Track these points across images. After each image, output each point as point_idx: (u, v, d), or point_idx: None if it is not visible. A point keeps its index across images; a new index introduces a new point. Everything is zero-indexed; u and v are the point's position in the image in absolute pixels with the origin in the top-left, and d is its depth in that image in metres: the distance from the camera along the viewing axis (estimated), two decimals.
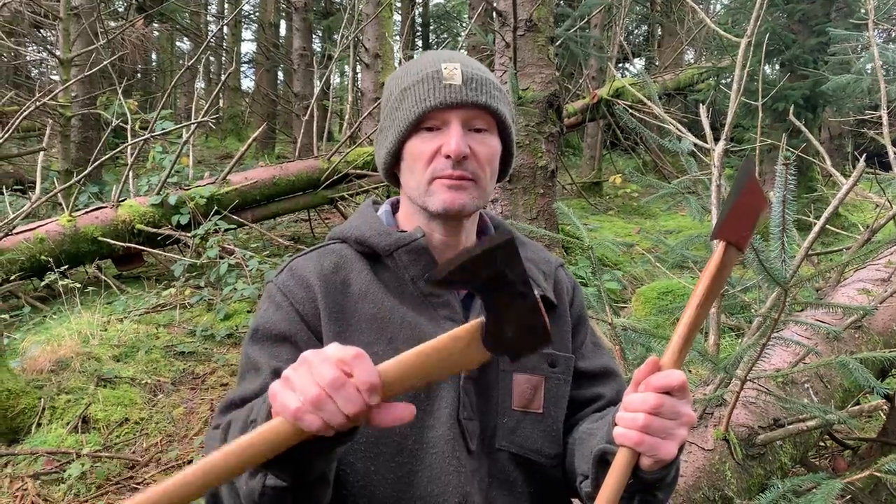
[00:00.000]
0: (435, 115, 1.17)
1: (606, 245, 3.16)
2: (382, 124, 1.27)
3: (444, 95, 1.16)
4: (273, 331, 1.20)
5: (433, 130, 1.19)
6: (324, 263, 1.26)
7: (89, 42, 8.27)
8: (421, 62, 1.23)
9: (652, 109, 2.90)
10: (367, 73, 9.30)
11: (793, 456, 2.27)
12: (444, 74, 1.17)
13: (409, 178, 1.22)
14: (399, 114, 1.20)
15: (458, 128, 1.17)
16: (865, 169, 1.96)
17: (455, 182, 1.18)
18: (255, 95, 17.30)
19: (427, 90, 1.17)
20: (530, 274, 1.29)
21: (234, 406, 1.16)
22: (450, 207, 1.18)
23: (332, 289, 1.22)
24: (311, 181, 7.26)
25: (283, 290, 1.23)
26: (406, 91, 1.20)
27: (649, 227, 8.84)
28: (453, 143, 1.15)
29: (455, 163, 1.16)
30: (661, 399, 0.97)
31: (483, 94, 1.19)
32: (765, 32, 6.68)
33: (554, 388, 1.25)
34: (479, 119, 1.20)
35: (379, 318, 1.20)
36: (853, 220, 7.59)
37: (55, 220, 5.59)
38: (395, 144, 1.22)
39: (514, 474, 1.22)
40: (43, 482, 3.09)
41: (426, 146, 1.18)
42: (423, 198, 1.20)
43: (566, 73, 11.65)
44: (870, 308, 2.16)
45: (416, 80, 1.19)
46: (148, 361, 4.13)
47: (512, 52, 5.09)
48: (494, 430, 1.21)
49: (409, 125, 1.18)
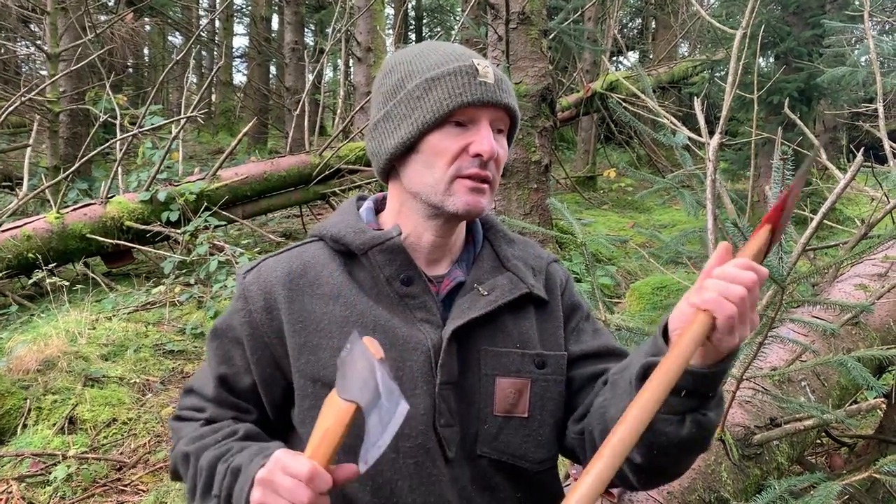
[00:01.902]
0: (467, 111, 1.13)
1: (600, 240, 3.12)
2: (391, 112, 1.18)
3: (481, 92, 1.12)
4: (228, 333, 1.22)
5: (459, 126, 1.14)
6: (293, 265, 1.22)
7: (78, 36, 8.18)
8: (442, 52, 1.18)
9: (646, 103, 2.86)
10: (359, 66, 9.24)
11: (789, 455, 2.23)
12: (479, 71, 1.14)
13: (424, 172, 1.16)
14: (423, 104, 1.14)
15: (488, 127, 1.14)
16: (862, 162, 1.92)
17: (479, 185, 1.14)
18: (246, 90, 17.20)
19: (463, 84, 1.12)
20: (518, 273, 1.25)
21: (192, 393, 1.27)
22: (472, 209, 1.15)
23: (299, 294, 1.19)
24: (302, 177, 7.20)
25: (246, 294, 1.21)
26: (434, 81, 1.13)
27: (644, 222, 8.81)
28: (486, 144, 1.12)
29: (482, 163, 1.13)
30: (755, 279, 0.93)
31: (510, 96, 1.17)
32: (759, 24, 6.64)
33: (541, 391, 1.20)
34: (502, 121, 1.18)
35: (351, 320, 1.16)
36: (848, 214, 7.57)
37: (43, 217, 5.52)
38: (412, 135, 1.15)
39: (496, 480, 1.18)
40: (28, 484, 3.04)
41: (453, 142, 1.14)
42: (441, 196, 1.15)
43: (560, 66, 11.60)
44: (867, 304, 2.12)
45: (447, 71, 1.14)
46: (136, 360, 4.07)
47: (504, 45, 5.05)
48: (475, 436, 1.17)
49: (437, 117, 1.12)
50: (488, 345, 1.19)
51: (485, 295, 1.20)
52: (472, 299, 1.20)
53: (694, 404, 1.01)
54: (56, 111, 7.80)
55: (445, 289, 1.23)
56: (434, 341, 1.15)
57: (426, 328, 1.17)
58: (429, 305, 1.19)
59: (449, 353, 1.15)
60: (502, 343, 1.20)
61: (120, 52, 10.96)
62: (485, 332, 1.19)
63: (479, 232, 1.32)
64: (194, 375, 1.29)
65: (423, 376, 1.14)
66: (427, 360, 1.14)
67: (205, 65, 19.17)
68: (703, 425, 1.03)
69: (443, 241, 1.22)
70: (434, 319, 1.18)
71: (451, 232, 1.22)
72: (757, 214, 6.98)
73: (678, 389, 0.97)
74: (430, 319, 1.18)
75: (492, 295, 1.20)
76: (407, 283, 1.18)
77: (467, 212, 1.15)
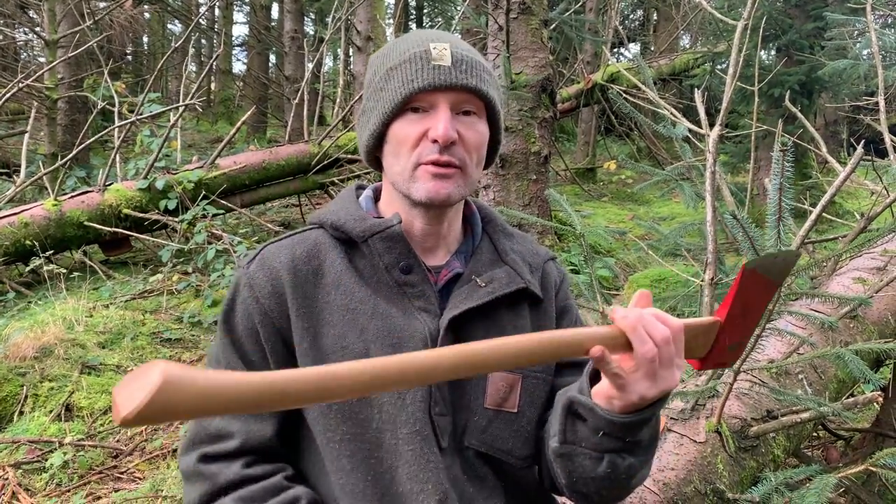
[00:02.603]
0: (422, 97, 1.12)
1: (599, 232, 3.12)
2: (366, 105, 1.21)
3: (432, 77, 1.10)
4: (240, 325, 1.18)
5: (419, 112, 1.13)
6: (296, 252, 1.21)
7: (76, 23, 8.13)
8: (408, 41, 1.17)
9: (647, 95, 2.84)
10: (358, 55, 9.20)
11: (786, 448, 2.23)
12: (432, 55, 1.12)
13: (393, 162, 1.16)
14: (384, 94, 1.14)
15: (446, 111, 1.11)
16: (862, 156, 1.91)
17: (441, 170, 1.12)
18: (246, 78, 17.14)
19: (414, 70, 1.11)
20: (516, 267, 1.25)
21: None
22: (434, 197, 1.13)
23: (303, 280, 1.18)
24: (301, 166, 7.18)
25: (252, 284, 1.18)
26: (392, 71, 1.14)
27: (643, 214, 8.81)
28: (441, 128, 1.10)
29: (442, 148, 1.11)
30: (667, 335, 0.93)
31: (473, 76, 1.13)
32: (761, 17, 6.62)
33: (531, 388, 1.21)
34: (468, 103, 1.14)
35: (350, 308, 1.16)
36: (848, 208, 7.56)
37: (40, 205, 5.50)
38: (378, 126, 1.16)
39: (483, 470, 1.19)
40: (24, 471, 3.04)
41: (412, 129, 1.13)
42: (407, 184, 1.15)
43: (560, 57, 11.56)
44: (866, 298, 2.12)
45: (403, 59, 1.13)
46: (134, 348, 4.07)
47: (505, 35, 5.02)
48: (465, 427, 1.17)
49: (394, 106, 1.12)
50: (483, 337, 1.19)
51: (482, 286, 1.20)
52: (470, 290, 1.20)
53: (612, 446, 1.03)
54: (54, 98, 7.76)
55: (443, 279, 1.23)
56: (431, 330, 1.15)
57: (424, 317, 1.17)
58: (427, 294, 1.19)
59: (445, 342, 1.15)
60: (497, 336, 1.20)
61: (119, 40, 10.91)
62: (480, 325, 1.19)
63: (477, 224, 1.31)
64: None
65: None
66: (424, 348, 1.14)
67: (204, 53, 19.10)
68: (619, 468, 1.04)
69: (432, 228, 1.22)
70: (432, 308, 1.18)
71: (437, 220, 1.22)
72: (757, 207, 6.98)
73: (597, 428, 1.01)
74: (427, 308, 1.18)
75: (489, 287, 1.20)
76: (406, 271, 1.18)
77: (430, 199, 1.14)
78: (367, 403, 1.14)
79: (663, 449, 1.95)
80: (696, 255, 3.37)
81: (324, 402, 0.76)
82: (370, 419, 1.13)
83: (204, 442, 1.17)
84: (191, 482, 1.15)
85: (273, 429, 1.16)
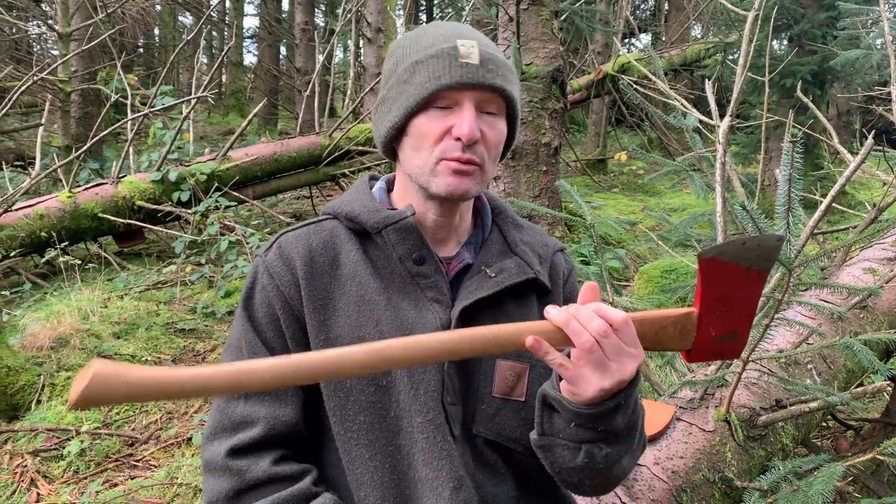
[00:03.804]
0: (448, 94, 1.12)
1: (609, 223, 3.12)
2: (386, 95, 1.21)
3: (460, 75, 1.11)
4: (259, 312, 1.19)
5: (443, 109, 1.14)
6: (313, 242, 1.22)
7: (89, 16, 8.18)
8: (433, 33, 1.17)
9: (658, 85, 2.85)
10: (369, 47, 9.20)
11: (794, 437, 2.24)
12: (461, 52, 1.12)
13: (413, 155, 1.17)
14: (409, 88, 1.15)
15: (471, 110, 1.12)
16: (873, 146, 1.91)
17: (462, 167, 1.14)
18: (257, 70, 17.16)
19: (442, 67, 1.12)
20: (525, 258, 1.27)
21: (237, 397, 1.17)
22: (453, 192, 1.15)
23: (319, 271, 1.20)
24: (312, 158, 7.21)
25: (270, 271, 1.20)
26: (418, 65, 1.14)
27: (653, 205, 8.78)
28: (466, 127, 1.11)
29: (465, 146, 1.12)
30: (604, 328, 0.97)
31: (499, 76, 1.14)
32: (773, 6, 6.57)
33: (538, 377, 1.22)
34: (492, 102, 1.16)
35: (366, 300, 1.18)
36: (860, 198, 7.52)
37: (55, 197, 5.56)
38: (400, 119, 1.16)
39: (492, 458, 1.20)
40: (42, 459, 3.09)
41: (436, 125, 1.14)
42: (427, 178, 1.16)
43: (571, 48, 11.51)
44: (875, 288, 2.12)
45: (430, 54, 1.13)
46: (148, 339, 4.12)
47: (515, 26, 5.01)
48: (474, 415, 1.19)
49: (419, 101, 1.13)
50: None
51: (492, 277, 1.22)
52: (480, 281, 1.21)
53: (587, 436, 1.06)
54: (67, 91, 7.82)
55: (453, 270, 1.25)
56: (443, 321, 1.17)
57: (436, 307, 1.18)
58: (439, 285, 1.20)
59: None
60: None
61: (131, 32, 10.96)
62: (489, 314, 1.20)
63: (488, 216, 1.33)
64: None
65: None
66: None
67: (215, 45, 19.13)
68: (596, 458, 1.08)
69: (445, 220, 1.24)
70: (444, 299, 1.19)
71: (450, 212, 1.23)
72: (767, 198, 6.95)
73: (569, 419, 1.05)
74: (439, 299, 1.19)
75: (499, 277, 1.22)
76: (419, 262, 1.20)
77: (449, 193, 1.15)
78: (385, 392, 1.15)
79: (672, 437, 1.97)
80: (707, 245, 3.37)
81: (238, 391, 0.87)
82: (388, 408, 1.15)
83: (227, 430, 1.16)
84: (215, 475, 1.14)
85: (296, 413, 1.17)
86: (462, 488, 1.12)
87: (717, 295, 0.99)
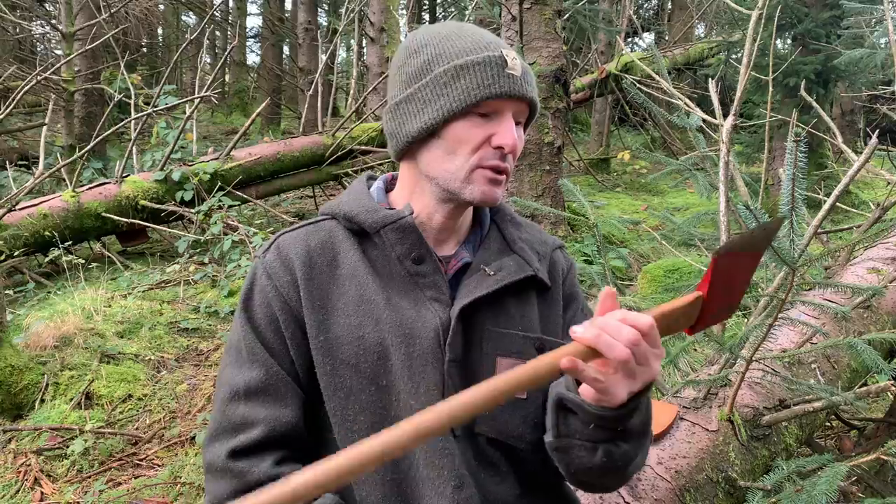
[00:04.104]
0: (493, 103, 1.14)
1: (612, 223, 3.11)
2: (416, 94, 1.17)
3: (508, 86, 1.13)
4: (259, 313, 1.19)
5: (484, 117, 1.15)
6: (311, 242, 1.23)
7: (92, 16, 8.20)
8: (471, 38, 1.18)
9: (661, 84, 2.84)
10: (371, 47, 9.20)
11: (798, 437, 2.24)
12: (508, 63, 1.14)
13: (445, 159, 1.17)
14: (450, 91, 1.14)
15: (511, 121, 1.15)
16: (877, 145, 1.91)
17: (498, 176, 1.17)
18: (260, 70, 17.18)
19: (492, 75, 1.13)
20: (524, 255, 1.27)
21: (238, 399, 1.16)
22: (486, 199, 1.18)
23: (317, 271, 1.20)
24: (315, 157, 7.21)
25: (269, 273, 1.20)
26: (463, 70, 1.14)
27: (657, 204, 8.77)
28: (509, 137, 1.14)
29: (503, 155, 1.15)
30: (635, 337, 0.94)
31: (533, 89, 1.18)
32: (776, 5, 6.56)
33: None
34: (523, 113, 1.19)
35: (365, 299, 1.18)
36: (864, 198, 7.50)
37: (59, 196, 5.57)
38: (437, 121, 1.15)
39: (495, 456, 1.20)
40: (46, 458, 3.10)
41: (477, 132, 1.15)
42: (460, 184, 1.17)
43: (574, 47, 11.50)
44: (880, 288, 2.12)
45: (476, 60, 1.14)
46: (151, 338, 4.12)
47: (518, 25, 5.01)
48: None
49: (464, 106, 1.13)
50: (492, 325, 1.21)
51: (491, 275, 1.22)
52: (479, 279, 1.21)
53: (605, 436, 1.06)
54: (71, 90, 7.83)
55: (452, 269, 1.25)
56: (443, 320, 1.17)
57: (435, 306, 1.18)
58: (439, 284, 1.20)
59: (456, 331, 1.17)
60: (505, 324, 1.21)
61: (134, 32, 10.98)
62: (489, 313, 1.21)
63: (486, 214, 1.33)
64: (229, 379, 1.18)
65: (432, 353, 1.15)
66: (436, 337, 1.16)
67: (218, 45, 19.15)
68: (614, 456, 1.08)
69: (451, 223, 1.24)
70: (443, 298, 1.19)
71: (460, 215, 1.25)
72: (771, 198, 6.94)
73: (588, 421, 1.05)
74: (439, 298, 1.19)
75: (498, 275, 1.22)
76: (418, 261, 1.20)
77: (483, 201, 1.18)
78: (386, 392, 1.15)
79: (675, 437, 1.96)
80: (710, 245, 3.37)
81: None
82: (388, 407, 1.15)
83: (228, 432, 1.15)
84: (217, 477, 1.14)
85: (297, 414, 1.17)
86: (464, 487, 1.13)
87: (723, 282, 1.03)
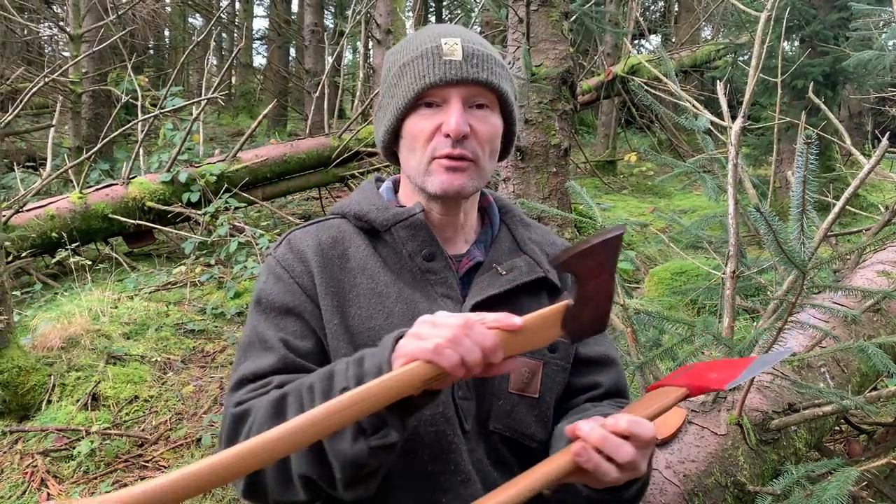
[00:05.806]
0: (435, 91, 1.14)
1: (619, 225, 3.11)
2: (381, 101, 1.24)
3: (443, 71, 1.13)
4: (276, 303, 1.18)
5: (433, 107, 1.16)
6: (322, 237, 1.23)
7: (100, 18, 8.23)
8: (420, 37, 1.20)
9: (668, 86, 2.83)
10: (378, 49, 9.21)
11: (807, 441, 2.22)
12: (443, 50, 1.14)
13: (409, 156, 1.20)
14: (398, 90, 1.17)
15: (458, 105, 1.14)
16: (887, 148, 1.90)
17: (454, 163, 1.15)
18: (266, 72, 17.22)
19: (426, 66, 1.14)
20: (535, 256, 1.27)
21: (247, 382, 1.12)
22: (447, 189, 1.16)
23: (329, 263, 1.20)
24: (321, 159, 7.22)
25: (283, 264, 1.21)
26: (405, 67, 1.16)
27: (664, 207, 8.75)
28: (453, 122, 1.12)
29: (455, 142, 1.13)
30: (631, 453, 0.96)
31: (484, 70, 1.15)
32: (784, 7, 6.53)
33: (551, 374, 1.23)
34: (480, 96, 1.17)
35: (377, 292, 1.18)
36: (872, 201, 7.46)
37: (66, 197, 5.58)
38: (393, 122, 1.19)
39: (507, 455, 1.20)
40: (52, 459, 3.10)
41: (425, 124, 1.16)
42: (422, 178, 1.18)
43: (581, 49, 11.49)
44: (890, 291, 2.10)
45: (415, 55, 1.16)
46: (158, 339, 4.13)
47: (525, 27, 5.00)
48: (489, 411, 1.19)
49: (407, 102, 1.15)
50: None
51: (504, 274, 1.22)
52: (492, 278, 1.22)
53: (602, 498, 1.07)
54: (78, 92, 7.86)
55: (464, 268, 1.25)
56: None
57: (447, 303, 1.19)
58: (450, 281, 1.21)
59: None
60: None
61: (141, 34, 11.01)
62: (502, 311, 1.20)
63: (495, 215, 1.34)
64: (238, 367, 1.16)
65: None
66: None
67: (225, 47, 19.19)
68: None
69: (448, 219, 1.25)
70: (454, 295, 1.20)
71: (453, 211, 1.24)
72: (779, 200, 6.91)
73: (581, 494, 1.07)
74: (450, 295, 1.20)
75: (510, 275, 1.23)
76: (429, 258, 1.21)
77: (444, 191, 1.16)
78: None
79: (684, 441, 1.95)
80: (718, 247, 3.35)
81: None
82: None
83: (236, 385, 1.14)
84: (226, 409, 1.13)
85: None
86: (469, 483, 1.13)
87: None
